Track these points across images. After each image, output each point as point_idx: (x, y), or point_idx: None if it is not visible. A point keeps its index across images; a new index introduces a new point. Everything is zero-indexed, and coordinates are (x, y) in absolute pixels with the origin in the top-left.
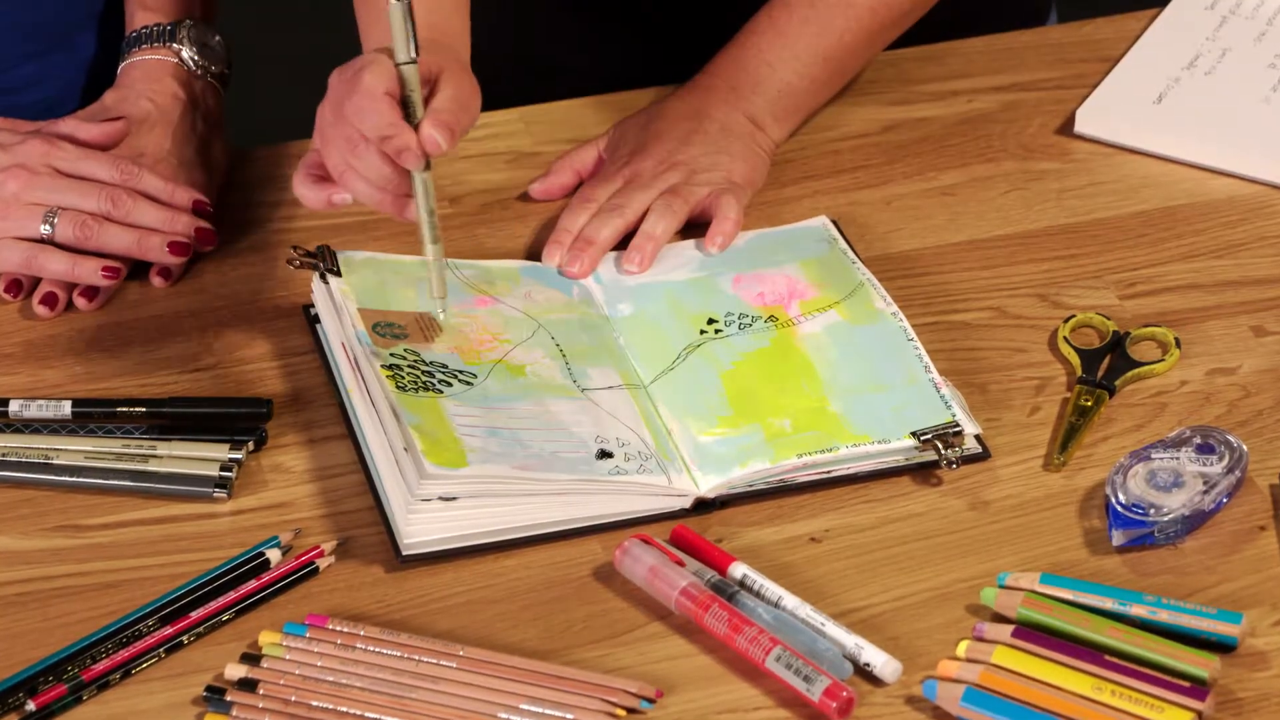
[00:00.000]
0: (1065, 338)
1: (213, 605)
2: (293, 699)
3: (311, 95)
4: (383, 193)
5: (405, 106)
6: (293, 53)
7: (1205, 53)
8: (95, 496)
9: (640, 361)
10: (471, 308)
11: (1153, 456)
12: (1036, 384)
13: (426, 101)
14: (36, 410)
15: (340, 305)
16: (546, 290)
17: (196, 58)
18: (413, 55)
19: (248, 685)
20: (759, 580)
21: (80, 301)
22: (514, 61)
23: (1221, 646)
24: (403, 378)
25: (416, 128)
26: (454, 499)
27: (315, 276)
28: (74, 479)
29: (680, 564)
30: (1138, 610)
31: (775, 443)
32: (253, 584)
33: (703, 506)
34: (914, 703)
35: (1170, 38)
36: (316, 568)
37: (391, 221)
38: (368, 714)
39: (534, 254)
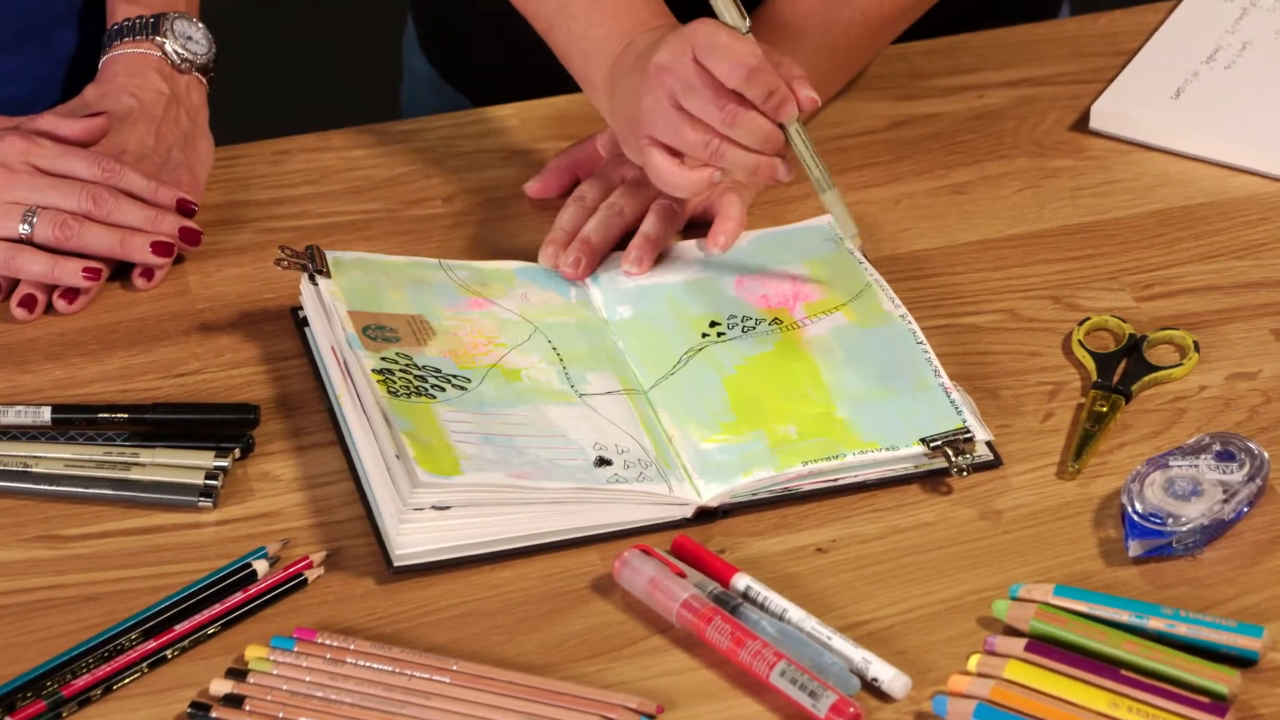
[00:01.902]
0: (1080, 341)
1: (198, 618)
2: (280, 715)
3: (300, 90)
4: (760, 155)
5: None
6: (280, 46)
7: (1225, 46)
8: (76, 506)
9: (640, 366)
10: (465, 310)
11: (1170, 464)
12: (1050, 389)
13: None
14: (15, 416)
15: (330, 307)
16: (543, 292)
17: (180, 51)
18: (748, 22)
19: (234, 701)
20: (763, 592)
21: (60, 304)
22: (509, 56)
23: (1242, 661)
24: (394, 382)
25: None
26: (447, 508)
27: (304, 278)
28: (54, 488)
29: (681, 575)
30: (1155, 623)
31: (780, 450)
32: (239, 596)
33: (705, 516)
34: (924, 719)
35: (1189, 31)
36: (305, 579)
37: (383, 221)
38: None
39: (530, 255)
